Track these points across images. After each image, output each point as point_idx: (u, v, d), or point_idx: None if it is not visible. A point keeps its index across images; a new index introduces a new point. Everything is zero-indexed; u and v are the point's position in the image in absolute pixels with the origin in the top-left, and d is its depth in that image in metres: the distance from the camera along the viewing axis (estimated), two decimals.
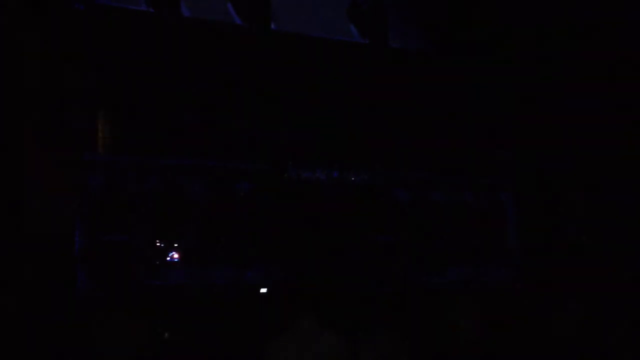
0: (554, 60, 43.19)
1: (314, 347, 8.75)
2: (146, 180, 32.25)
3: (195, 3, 34.74)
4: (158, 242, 32.29)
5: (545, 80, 43.13)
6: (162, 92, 33.52)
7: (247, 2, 35.75)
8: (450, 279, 38.35)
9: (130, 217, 31.76)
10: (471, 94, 40.78)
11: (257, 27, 35.63)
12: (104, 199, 31.33)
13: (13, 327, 22.59)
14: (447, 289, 38.03)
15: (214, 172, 33.75)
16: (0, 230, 30.66)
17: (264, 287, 33.56)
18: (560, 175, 42.75)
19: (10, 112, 32.56)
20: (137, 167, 32.13)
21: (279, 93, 35.80)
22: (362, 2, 39.13)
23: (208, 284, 32.66)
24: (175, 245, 32.69)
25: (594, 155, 42.37)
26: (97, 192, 31.16)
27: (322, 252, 35.15)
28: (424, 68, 39.50)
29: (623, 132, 40.99)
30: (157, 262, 31.96)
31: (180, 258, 32.60)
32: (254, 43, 35.35)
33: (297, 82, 36.32)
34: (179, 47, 33.85)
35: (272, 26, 36.08)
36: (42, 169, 32.16)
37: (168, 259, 32.45)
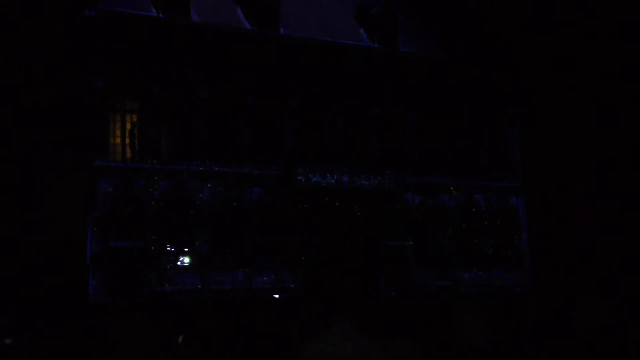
0: (565, 64, 42.91)
1: (325, 350, 8.72)
2: (157, 186, 32.25)
3: (204, 8, 34.76)
4: (169, 248, 32.32)
5: (553, 84, 42.96)
6: (173, 97, 33.56)
7: (256, 8, 35.78)
8: (462, 283, 38.23)
9: (142, 223, 31.76)
10: (482, 98, 40.64)
11: (267, 32, 35.69)
12: (115, 205, 31.38)
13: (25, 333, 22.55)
14: (458, 292, 37.88)
15: (225, 178, 33.79)
16: (10, 237, 30.66)
17: (275, 292, 33.44)
18: (572, 179, 42.51)
19: (21, 119, 32.58)
20: (148, 173, 32.15)
21: (289, 97, 35.81)
22: (371, 7, 39.03)
23: (219, 289, 32.60)
24: (187, 250, 32.70)
25: (605, 159, 42.13)
26: (108, 198, 31.19)
27: (333, 257, 35.05)
28: (435, 72, 39.44)
29: (634, 137, 40.68)
30: (169, 268, 31.97)
31: (191, 263, 32.57)
32: (263, 48, 35.37)
33: (307, 87, 36.34)
34: (190, 52, 33.85)
35: (281, 31, 36.09)
36: (52, 175, 32.18)
37: (179, 264, 32.44)
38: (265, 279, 34.01)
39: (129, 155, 32.67)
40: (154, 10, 33.78)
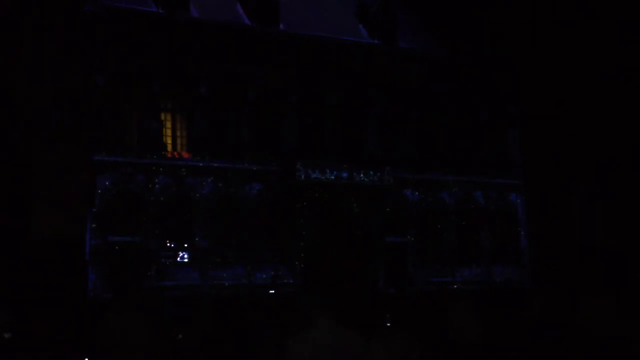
0: (565, 64, 42.91)
1: (325, 346, 8.79)
2: (156, 181, 32.25)
3: (204, 4, 34.73)
4: (169, 243, 32.33)
5: (553, 84, 42.95)
6: (172, 93, 33.57)
7: (255, 3, 35.74)
8: (461, 279, 38.29)
9: (141, 218, 31.77)
10: (481, 96, 40.66)
11: (266, 27, 35.66)
12: (114, 200, 31.38)
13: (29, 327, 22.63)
14: (457, 289, 37.94)
15: (224, 174, 33.78)
16: (10, 233, 30.68)
17: (274, 288, 33.53)
18: (572, 178, 42.52)
19: (21, 114, 32.55)
20: (148, 168, 32.15)
21: (289, 93, 35.80)
22: (370, 4, 38.99)
23: (218, 284, 32.62)
24: (186, 246, 32.71)
25: (605, 159, 42.18)
26: (107, 193, 31.19)
27: (332, 253, 35.09)
28: (435, 69, 39.43)
29: (634, 137, 40.74)
30: (168, 263, 31.99)
31: (190, 259, 32.59)
32: (263, 44, 35.36)
33: (306, 83, 36.32)
34: (189, 48, 33.84)
35: (281, 27, 36.07)
36: (51, 170, 32.16)
37: (179, 259, 32.46)
38: (265, 275, 34.02)
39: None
40: (154, 6, 33.74)
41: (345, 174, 35.55)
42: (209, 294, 31.76)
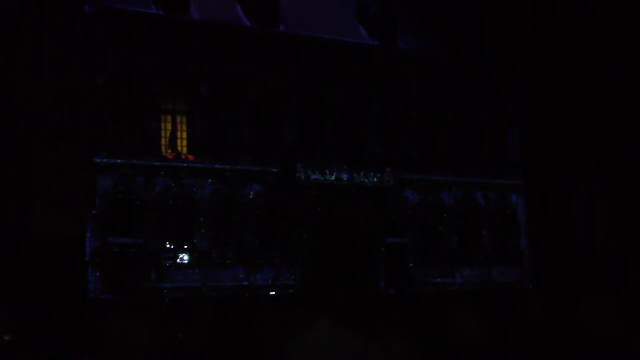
0: (565, 64, 42.86)
1: (325, 346, 8.81)
2: (156, 182, 32.24)
3: (204, 5, 34.72)
4: (169, 244, 32.32)
5: (553, 84, 42.91)
6: (172, 94, 33.57)
7: (255, 5, 35.73)
8: (461, 280, 38.27)
9: (141, 219, 31.75)
10: (482, 96, 40.65)
11: (266, 28, 35.66)
12: (115, 201, 31.37)
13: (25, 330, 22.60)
14: (457, 289, 37.92)
15: (224, 175, 33.78)
16: (10, 233, 30.67)
17: (274, 289, 33.50)
18: (572, 178, 42.48)
19: (21, 115, 32.54)
20: (148, 169, 32.13)
21: (289, 94, 35.80)
22: (370, 4, 38.97)
23: (218, 286, 32.61)
24: (186, 247, 32.70)
25: (605, 159, 42.13)
26: (107, 194, 31.19)
27: (333, 254, 35.08)
28: (435, 70, 39.41)
29: (634, 137, 40.68)
30: (168, 264, 31.97)
31: (190, 260, 32.58)
32: (263, 45, 35.36)
33: (306, 84, 36.32)
34: (189, 49, 33.83)
35: (281, 28, 36.07)
36: (52, 171, 32.16)
37: (179, 261, 32.45)
38: (265, 275, 34.01)
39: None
40: (154, 7, 33.74)
41: (345, 175, 35.52)
42: (209, 295, 31.76)
